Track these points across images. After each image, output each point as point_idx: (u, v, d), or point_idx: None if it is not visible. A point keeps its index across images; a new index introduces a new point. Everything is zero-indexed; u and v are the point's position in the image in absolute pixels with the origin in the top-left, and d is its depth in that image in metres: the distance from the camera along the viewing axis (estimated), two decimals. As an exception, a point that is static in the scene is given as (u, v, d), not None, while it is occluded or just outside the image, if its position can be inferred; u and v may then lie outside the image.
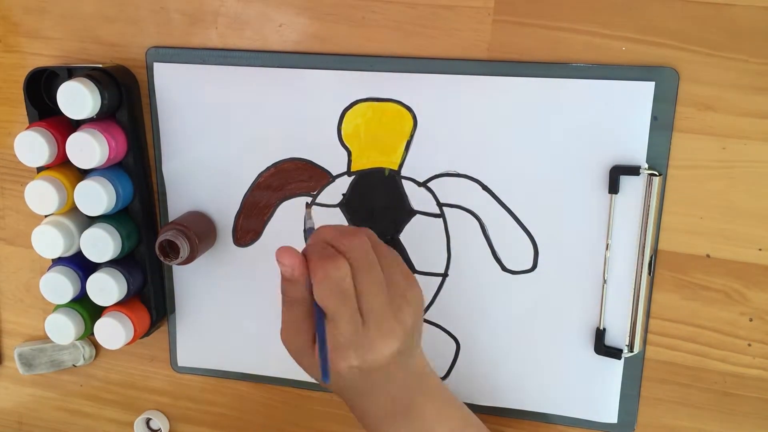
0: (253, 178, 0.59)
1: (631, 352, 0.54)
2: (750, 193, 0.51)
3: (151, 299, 0.61)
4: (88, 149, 0.54)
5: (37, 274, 0.66)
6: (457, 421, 0.49)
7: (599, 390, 0.56)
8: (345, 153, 0.56)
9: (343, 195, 0.57)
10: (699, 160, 0.51)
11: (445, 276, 0.57)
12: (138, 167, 0.58)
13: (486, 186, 0.55)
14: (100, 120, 0.56)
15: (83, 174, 0.58)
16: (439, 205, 0.56)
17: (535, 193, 0.54)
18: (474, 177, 0.55)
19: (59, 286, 0.58)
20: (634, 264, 0.53)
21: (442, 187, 0.55)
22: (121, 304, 0.59)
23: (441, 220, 0.56)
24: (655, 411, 0.56)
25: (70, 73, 0.57)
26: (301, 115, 0.56)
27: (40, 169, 0.57)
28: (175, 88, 0.58)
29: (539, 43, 0.52)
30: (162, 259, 0.56)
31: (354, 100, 0.55)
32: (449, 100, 0.54)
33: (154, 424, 0.68)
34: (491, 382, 0.58)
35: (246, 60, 0.56)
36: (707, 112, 0.50)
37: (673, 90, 0.50)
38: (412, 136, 0.55)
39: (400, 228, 0.57)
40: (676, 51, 0.50)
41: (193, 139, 0.59)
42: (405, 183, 0.56)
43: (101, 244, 0.56)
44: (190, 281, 0.62)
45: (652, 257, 0.53)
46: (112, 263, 0.58)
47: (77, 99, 0.53)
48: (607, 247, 0.53)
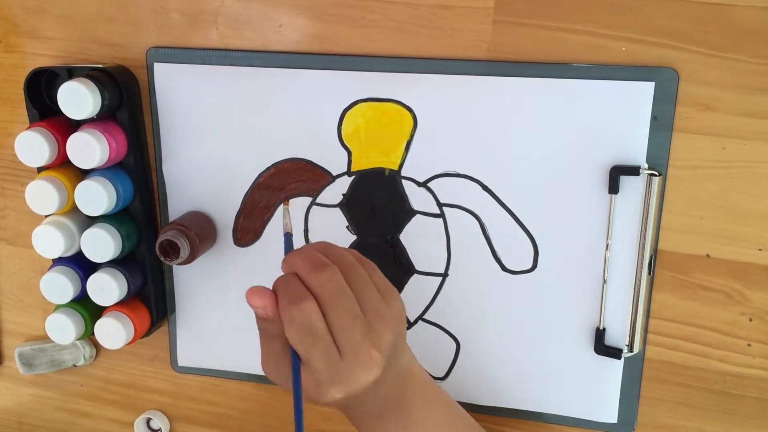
0: (254, 178, 0.59)
1: (631, 352, 0.54)
2: (750, 193, 0.51)
3: (152, 299, 0.61)
4: (88, 149, 0.54)
5: (37, 274, 0.66)
6: (445, 416, 0.49)
7: (599, 390, 0.56)
8: (345, 153, 0.56)
9: (343, 195, 0.57)
10: (699, 160, 0.51)
11: (445, 276, 0.57)
12: (138, 167, 0.58)
13: (486, 186, 0.55)
14: (101, 120, 0.56)
15: (83, 174, 0.58)
16: (439, 205, 0.56)
17: (535, 193, 0.54)
18: (474, 177, 0.55)
19: (59, 286, 0.58)
20: (634, 264, 0.53)
21: (442, 187, 0.56)
22: (122, 304, 0.59)
23: (441, 220, 0.56)
24: (655, 411, 0.56)
25: (71, 73, 0.57)
26: (301, 115, 0.56)
27: (40, 169, 0.57)
28: (175, 88, 0.58)
29: (539, 43, 0.52)
30: (162, 259, 0.56)
31: (354, 100, 0.55)
32: (449, 100, 0.54)
33: (154, 424, 0.68)
34: (491, 382, 0.58)
35: (246, 60, 0.56)
36: (707, 112, 0.50)
37: (672, 90, 0.50)
38: (412, 136, 0.55)
39: (400, 228, 0.57)
40: (676, 51, 0.50)
41: (193, 139, 0.59)
42: (405, 183, 0.56)
43: (101, 244, 0.56)
44: (190, 281, 0.62)
45: (652, 257, 0.53)
46: (113, 263, 0.58)
47: (77, 99, 0.53)
48: (607, 247, 0.53)
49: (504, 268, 0.56)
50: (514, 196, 0.54)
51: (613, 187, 0.52)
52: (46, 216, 0.58)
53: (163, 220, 0.61)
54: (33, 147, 0.54)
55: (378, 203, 0.57)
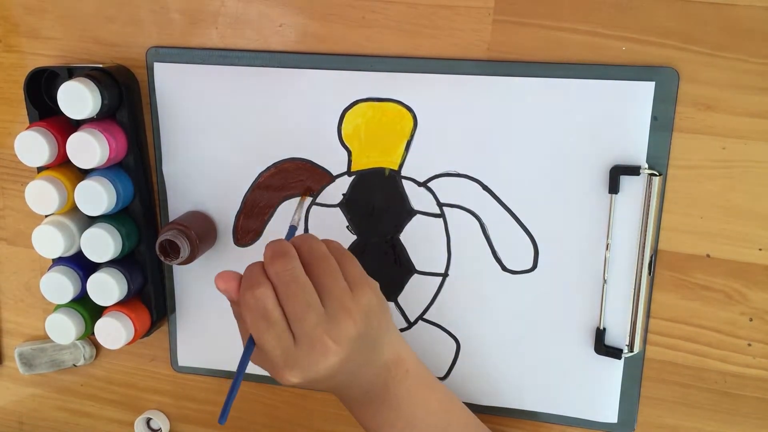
0: (254, 178, 0.59)
1: (631, 352, 0.54)
2: (750, 193, 0.51)
3: (152, 299, 0.61)
4: (88, 149, 0.54)
5: (37, 274, 0.66)
6: (437, 403, 0.50)
7: (599, 390, 0.56)
8: (345, 153, 0.56)
9: (343, 195, 0.57)
10: (699, 160, 0.51)
11: (445, 276, 0.57)
12: (138, 167, 0.58)
13: (486, 186, 0.55)
14: (101, 120, 0.56)
15: (83, 174, 0.58)
16: (439, 205, 0.56)
17: (535, 193, 0.54)
18: (474, 177, 0.55)
19: (59, 286, 0.58)
20: (634, 264, 0.53)
21: (442, 187, 0.56)
22: (122, 304, 0.59)
23: (441, 220, 0.56)
24: (655, 411, 0.56)
25: (71, 73, 0.57)
26: (301, 115, 0.56)
27: (40, 169, 0.57)
28: (175, 88, 0.58)
29: (539, 43, 0.52)
30: (162, 259, 0.56)
31: (354, 100, 0.55)
32: (449, 100, 0.54)
33: (154, 424, 0.68)
34: (491, 382, 0.58)
35: (246, 60, 0.56)
36: (707, 112, 0.50)
37: (673, 90, 0.50)
38: (412, 136, 0.55)
39: (400, 228, 0.57)
40: (676, 51, 0.50)
41: (193, 139, 0.59)
42: (405, 183, 0.56)
43: (101, 244, 0.56)
44: (190, 281, 0.62)
45: (652, 257, 0.53)
46: (113, 263, 0.58)
47: (77, 99, 0.53)
48: (607, 247, 0.53)
49: (504, 268, 0.56)
50: (515, 196, 0.54)
51: (614, 187, 0.52)
52: (46, 216, 0.58)
53: (163, 220, 0.61)
54: (33, 147, 0.54)
55: (378, 203, 0.57)
